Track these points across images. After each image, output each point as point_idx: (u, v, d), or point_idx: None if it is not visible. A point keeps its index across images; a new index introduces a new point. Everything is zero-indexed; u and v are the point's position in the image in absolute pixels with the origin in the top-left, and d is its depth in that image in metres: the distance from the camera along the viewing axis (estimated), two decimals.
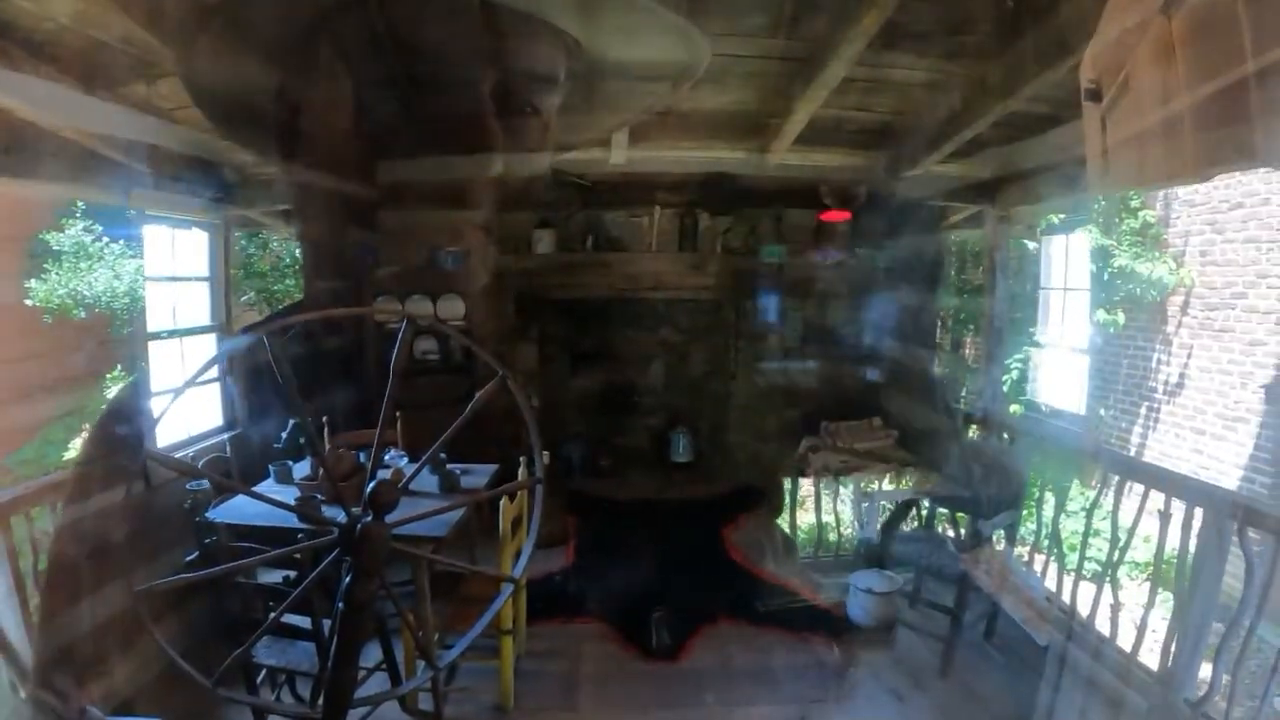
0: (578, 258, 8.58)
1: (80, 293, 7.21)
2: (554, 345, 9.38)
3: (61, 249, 7.37)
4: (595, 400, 9.68)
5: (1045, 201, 6.07)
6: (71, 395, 7.13)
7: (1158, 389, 8.51)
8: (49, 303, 7.15)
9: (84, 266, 7.34)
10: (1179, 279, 8.28)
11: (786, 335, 8.76)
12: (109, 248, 7.45)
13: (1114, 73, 3.06)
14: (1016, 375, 7.25)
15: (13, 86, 3.67)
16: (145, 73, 4.61)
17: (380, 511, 2.53)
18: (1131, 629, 4.40)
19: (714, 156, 8.46)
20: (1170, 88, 2.76)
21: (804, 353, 8.76)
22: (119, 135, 4.52)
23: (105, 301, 7.30)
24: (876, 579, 5.81)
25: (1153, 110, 2.86)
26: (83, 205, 7.48)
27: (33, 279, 7.20)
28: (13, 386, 7.28)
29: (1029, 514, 5.75)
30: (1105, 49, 3.13)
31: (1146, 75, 2.89)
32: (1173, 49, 2.73)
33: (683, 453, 9.29)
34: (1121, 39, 3.00)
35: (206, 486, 4.81)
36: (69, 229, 7.46)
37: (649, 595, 6.15)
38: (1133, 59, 2.95)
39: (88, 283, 7.25)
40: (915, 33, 5.74)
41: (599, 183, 8.47)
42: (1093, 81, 3.17)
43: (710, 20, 6.08)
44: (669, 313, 9.57)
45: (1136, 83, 2.95)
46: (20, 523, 3.87)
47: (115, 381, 7.11)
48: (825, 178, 8.30)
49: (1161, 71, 2.80)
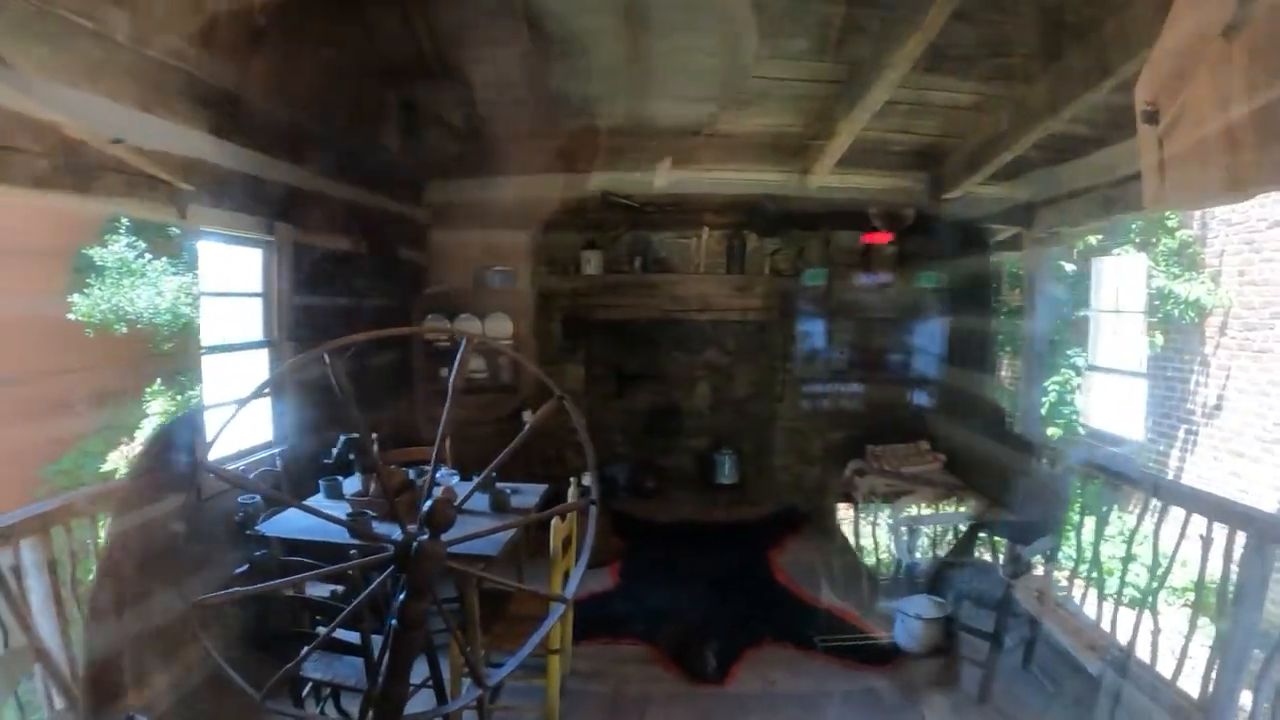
0: (625, 278, 8.60)
1: (122, 308, 7.30)
2: (600, 366, 9.42)
3: (104, 265, 7.47)
4: (641, 421, 9.71)
5: (1082, 224, 6.01)
6: (110, 409, 7.21)
7: (1196, 411, 8.39)
8: (91, 317, 7.25)
9: (126, 283, 7.44)
10: (1217, 299, 8.18)
11: (833, 357, 8.71)
12: (151, 264, 7.55)
13: (1172, 95, 3.02)
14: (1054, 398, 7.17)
15: (67, 103, 3.72)
16: (198, 91, 4.67)
17: (437, 530, 2.53)
18: (1171, 656, 4.33)
19: (761, 179, 8.47)
20: (1231, 109, 2.73)
21: (850, 375, 8.72)
22: (174, 152, 4.57)
23: (147, 317, 7.39)
24: (925, 605, 5.75)
25: (1213, 131, 2.83)
26: (126, 222, 7.59)
27: (75, 294, 7.30)
28: (53, 399, 7.40)
29: (1068, 539, 5.68)
30: (1161, 71, 3.10)
31: (1206, 97, 2.86)
32: (1234, 71, 2.71)
33: (727, 475, 9.29)
34: (1180, 62, 2.97)
35: (258, 500, 4.85)
36: (112, 245, 7.56)
37: (693, 617, 6.14)
38: (1192, 81, 2.92)
39: (130, 299, 7.34)
40: (957, 55, 5.74)
41: (647, 204, 8.48)
42: (1149, 104, 3.14)
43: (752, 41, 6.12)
44: (715, 334, 9.59)
45: (1195, 105, 2.92)
46: (59, 534, 3.90)
47: (154, 396, 7.19)
48: (873, 199, 8.27)
49: (1222, 93, 2.77)
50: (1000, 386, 7.13)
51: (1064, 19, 4.97)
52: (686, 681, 5.38)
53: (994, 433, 7.07)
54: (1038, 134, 5.84)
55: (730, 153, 8.27)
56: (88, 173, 4.00)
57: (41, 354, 7.59)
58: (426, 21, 6.18)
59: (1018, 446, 6.63)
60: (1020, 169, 6.57)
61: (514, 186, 8.58)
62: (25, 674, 3.46)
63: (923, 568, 6.25)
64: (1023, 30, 5.36)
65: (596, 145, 7.85)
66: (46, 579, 3.75)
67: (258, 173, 5.47)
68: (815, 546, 7.94)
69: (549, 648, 4.55)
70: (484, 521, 4.51)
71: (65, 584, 3.85)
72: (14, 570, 3.50)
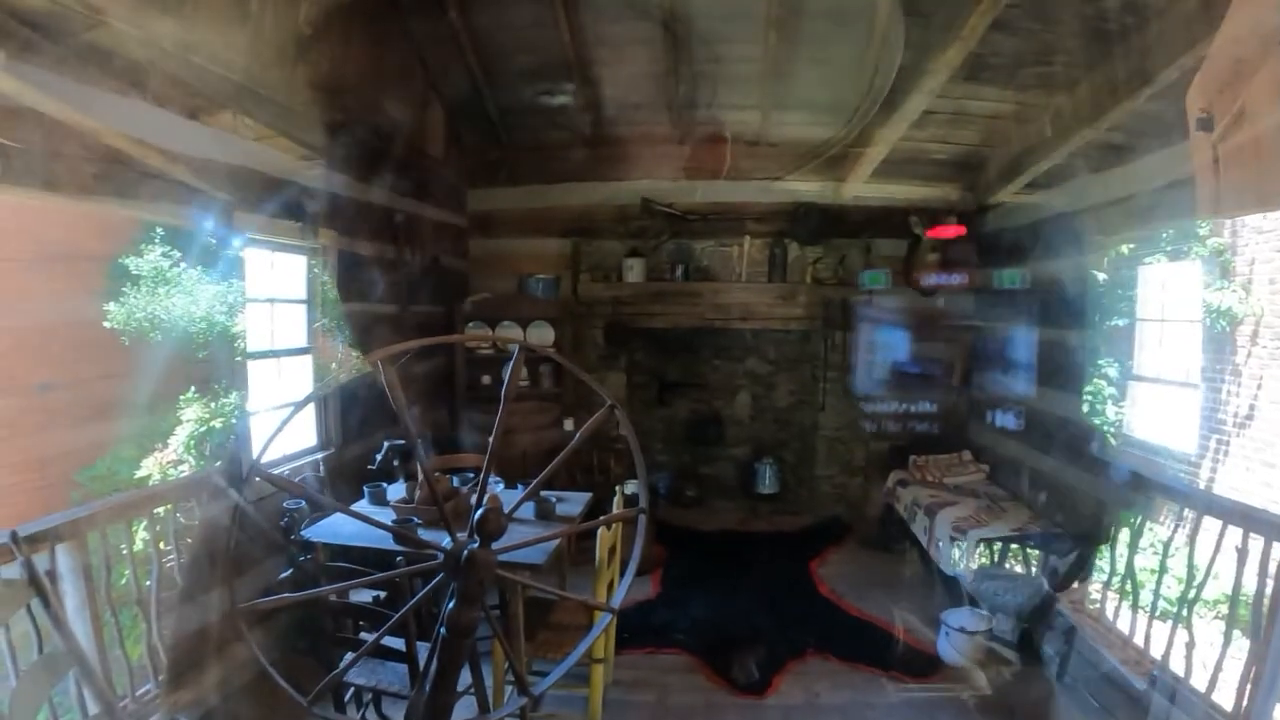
0: (667, 287, 8.58)
1: (158, 316, 7.37)
2: (641, 374, 9.42)
3: (140, 273, 7.54)
4: (682, 430, 9.71)
5: (1120, 233, 5.95)
6: (145, 415, 7.27)
7: (1227, 421, 8.28)
8: (127, 325, 7.32)
9: (162, 291, 7.51)
10: (1248, 308, 8.08)
11: (876, 366, 8.65)
12: (186, 273, 7.62)
13: (1227, 101, 2.98)
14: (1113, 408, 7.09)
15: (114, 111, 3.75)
16: (244, 98, 4.70)
17: (487, 538, 2.52)
18: (1204, 668, 4.26)
19: (801, 187, 8.45)
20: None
21: (893, 384, 8.66)
22: (219, 160, 4.60)
23: (182, 325, 7.45)
24: (969, 618, 5.69)
25: (1271, 136, 2.79)
26: (161, 231, 7.67)
27: (111, 302, 7.38)
28: (89, 404, 7.48)
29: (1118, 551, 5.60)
30: (1216, 77, 3.06)
31: (1264, 103, 2.82)
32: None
33: (768, 484, 9.24)
34: (1236, 69, 2.93)
35: (302, 504, 4.87)
36: (147, 254, 7.63)
37: (736, 627, 6.11)
38: (1249, 88, 2.88)
39: (165, 307, 7.41)
40: (996, 64, 5.72)
41: (688, 212, 8.48)
42: (1204, 111, 3.10)
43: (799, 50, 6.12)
44: (757, 343, 9.57)
45: (1253, 111, 2.88)
46: (95, 538, 3.92)
47: (189, 403, 7.24)
48: (915, 206, 8.22)
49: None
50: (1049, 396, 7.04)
51: (1103, 27, 4.94)
52: (729, 692, 5.34)
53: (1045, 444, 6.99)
54: (1076, 142, 5.81)
55: (772, 161, 8.26)
56: (132, 180, 4.03)
57: (78, 360, 7.68)
58: (470, 30, 6.22)
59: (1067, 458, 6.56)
60: (1058, 178, 6.52)
61: (556, 194, 8.61)
62: (60, 678, 3.47)
63: (966, 580, 6.18)
64: (1062, 39, 5.34)
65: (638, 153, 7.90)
66: (82, 584, 3.77)
67: (302, 179, 5.50)
68: (858, 558, 7.90)
69: (593, 657, 4.54)
70: (530, 530, 4.50)
71: (100, 589, 3.86)
72: (49, 575, 3.52)
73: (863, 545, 8.18)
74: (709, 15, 5.94)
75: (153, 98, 4.01)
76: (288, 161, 5.32)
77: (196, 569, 4.30)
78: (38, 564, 3.45)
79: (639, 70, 6.67)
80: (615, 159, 8.37)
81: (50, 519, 3.70)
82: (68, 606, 3.67)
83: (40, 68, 3.31)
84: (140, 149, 4.01)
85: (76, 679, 3.55)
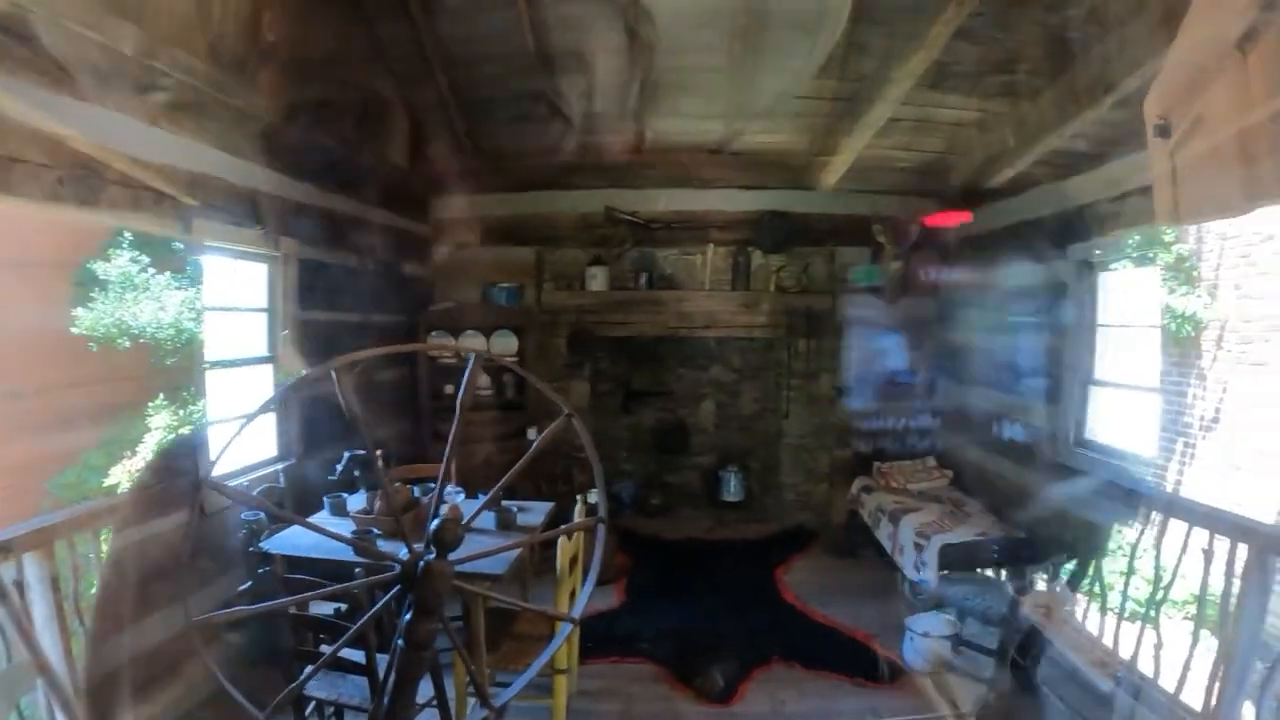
0: (631, 295, 8.58)
1: (125, 322, 7.29)
2: (606, 382, 9.41)
3: (108, 279, 7.46)
4: (646, 438, 9.70)
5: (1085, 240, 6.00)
6: (113, 423, 7.20)
7: (1194, 424, 8.37)
8: (94, 331, 7.24)
9: (130, 297, 7.43)
10: (1213, 313, 8.19)
11: (839, 374, 8.69)
12: (155, 279, 7.54)
13: (1185, 108, 3.01)
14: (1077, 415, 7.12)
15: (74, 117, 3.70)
16: (204, 105, 4.66)
17: (444, 549, 2.50)
18: (1173, 669, 4.30)
19: (765, 196, 8.49)
20: (1246, 122, 2.72)
21: (857, 391, 8.70)
22: (180, 166, 4.56)
23: (150, 332, 7.38)
24: (934, 623, 5.71)
25: (1228, 144, 2.82)
26: (129, 236, 7.59)
27: (79, 307, 7.29)
28: (57, 412, 7.38)
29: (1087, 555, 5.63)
30: (1174, 85, 3.09)
31: (1221, 109, 2.85)
32: (1249, 83, 2.69)
33: (734, 492, 9.26)
34: (1192, 75, 2.96)
35: (261, 516, 4.82)
36: (115, 259, 7.55)
37: (701, 636, 6.09)
38: (1205, 95, 2.91)
39: (133, 313, 7.33)
40: (960, 72, 5.75)
41: (652, 220, 8.48)
42: (1162, 118, 3.12)
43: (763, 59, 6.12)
44: (721, 351, 9.59)
45: (1210, 118, 2.91)
46: (62, 548, 3.87)
47: (157, 410, 7.17)
48: (879, 214, 8.27)
49: (1237, 107, 2.75)
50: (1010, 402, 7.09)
51: (1066, 35, 4.98)
52: (694, 701, 5.33)
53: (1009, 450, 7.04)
54: (1041, 150, 5.84)
55: (738, 169, 8.28)
56: (94, 186, 3.99)
57: (46, 368, 7.57)
58: (435, 38, 6.19)
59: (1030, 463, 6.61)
60: (1024, 185, 6.57)
61: (520, 203, 8.60)
62: (28, 689, 3.42)
63: (931, 585, 6.20)
64: (1025, 47, 5.38)
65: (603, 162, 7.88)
66: (49, 593, 3.71)
67: (263, 187, 5.46)
68: (823, 565, 7.92)
69: (555, 668, 4.52)
70: (490, 540, 4.47)
71: (68, 598, 3.81)
72: (17, 584, 3.46)
73: (828, 552, 8.21)
74: (675, 24, 5.94)
75: (113, 103, 3.97)
76: (249, 169, 5.28)
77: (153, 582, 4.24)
78: (4, 574, 3.41)
79: (604, 79, 6.66)
80: (579, 168, 8.37)
81: (16, 528, 3.64)
82: (36, 617, 3.61)
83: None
84: (99, 154, 3.97)
85: (45, 690, 3.50)
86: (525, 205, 8.62)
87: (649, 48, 6.13)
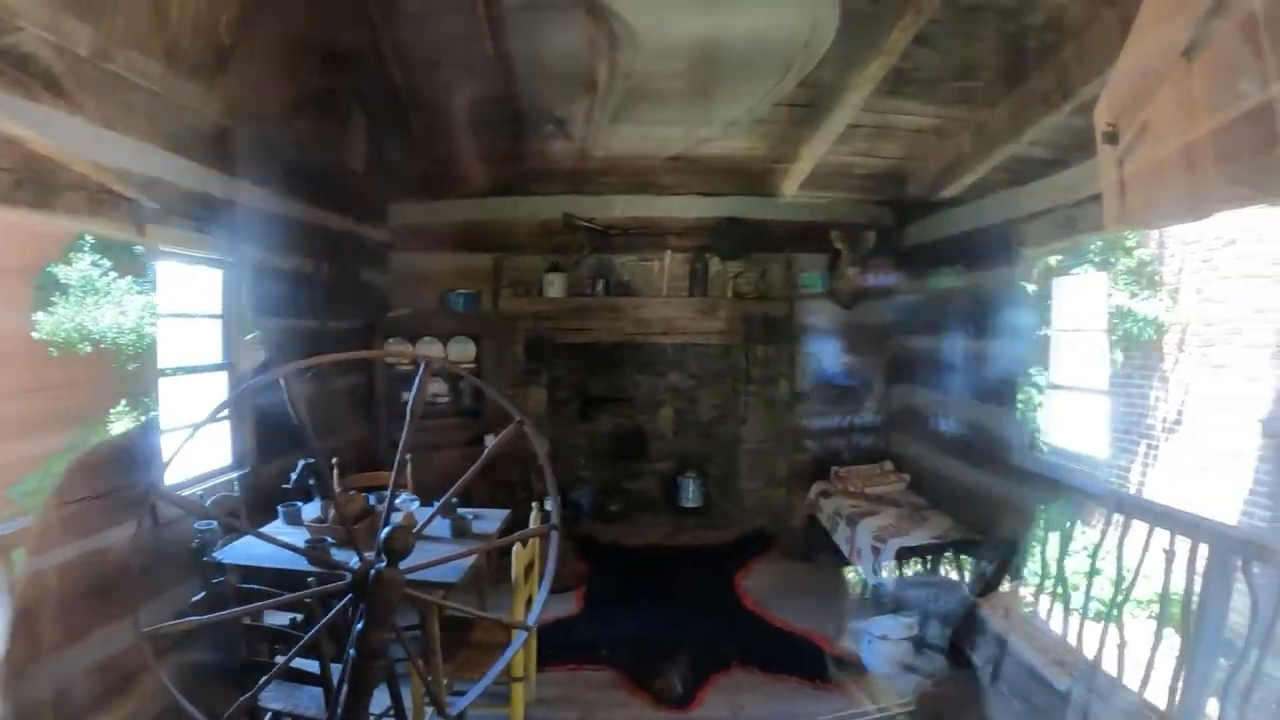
0: (588, 302, 8.59)
1: (86, 327, 7.20)
2: (564, 389, 9.40)
3: (69, 283, 7.37)
4: (605, 445, 9.69)
5: (1045, 245, 6.06)
6: (75, 429, 7.10)
7: (1156, 426, 8.47)
8: (55, 336, 7.15)
9: (91, 301, 7.34)
10: (1175, 316, 8.30)
11: (797, 380, 8.74)
12: (116, 283, 7.45)
13: (1132, 115, 3.05)
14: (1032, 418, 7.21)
15: (29, 118, 3.66)
16: (161, 108, 4.61)
17: (395, 557, 2.49)
18: (1138, 668, 4.34)
19: (724, 202, 8.52)
20: (1191, 130, 2.75)
21: (814, 397, 8.75)
22: (135, 170, 4.51)
23: (112, 337, 7.29)
24: (892, 625, 5.75)
25: (1174, 151, 2.85)
26: (90, 240, 7.49)
27: (39, 312, 7.20)
28: (18, 418, 7.27)
29: (1034, 555, 5.68)
30: (1122, 92, 3.13)
31: (1168, 118, 2.88)
32: (1194, 91, 2.73)
33: (693, 498, 9.26)
34: (1140, 82, 3.00)
35: (214, 526, 4.77)
36: (76, 263, 7.46)
37: (660, 642, 6.09)
38: (1153, 102, 2.95)
39: (94, 318, 7.24)
40: (919, 79, 5.78)
41: (610, 227, 8.50)
42: (1110, 125, 3.16)
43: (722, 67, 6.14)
44: (679, 357, 9.59)
45: (1157, 125, 2.94)
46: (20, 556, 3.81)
47: (120, 416, 7.09)
48: (836, 220, 8.32)
49: (1183, 114, 2.79)
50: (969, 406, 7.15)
51: (1025, 43, 5.03)
52: (653, 707, 5.33)
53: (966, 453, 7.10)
54: (1000, 157, 5.89)
55: (696, 176, 8.30)
56: (50, 189, 3.94)
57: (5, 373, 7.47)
58: (395, 44, 6.16)
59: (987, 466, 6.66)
60: (984, 191, 6.61)
61: (478, 209, 8.57)
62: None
63: (889, 588, 6.25)
64: (985, 54, 5.41)
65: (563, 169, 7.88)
66: (10, 603, 3.66)
67: (220, 192, 5.41)
68: (782, 569, 7.94)
69: (512, 675, 4.51)
70: (445, 548, 4.45)
71: None
72: None
73: (787, 556, 8.23)
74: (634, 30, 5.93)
75: (66, 105, 3.92)
76: (204, 173, 5.22)
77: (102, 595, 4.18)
78: None
79: (563, 85, 6.65)
80: (537, 174, 8.36)
81: None
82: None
83: None
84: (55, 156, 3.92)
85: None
86: (483, 211, 8.59)
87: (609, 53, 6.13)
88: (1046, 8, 4.70)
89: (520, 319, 8.56)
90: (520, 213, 8.62)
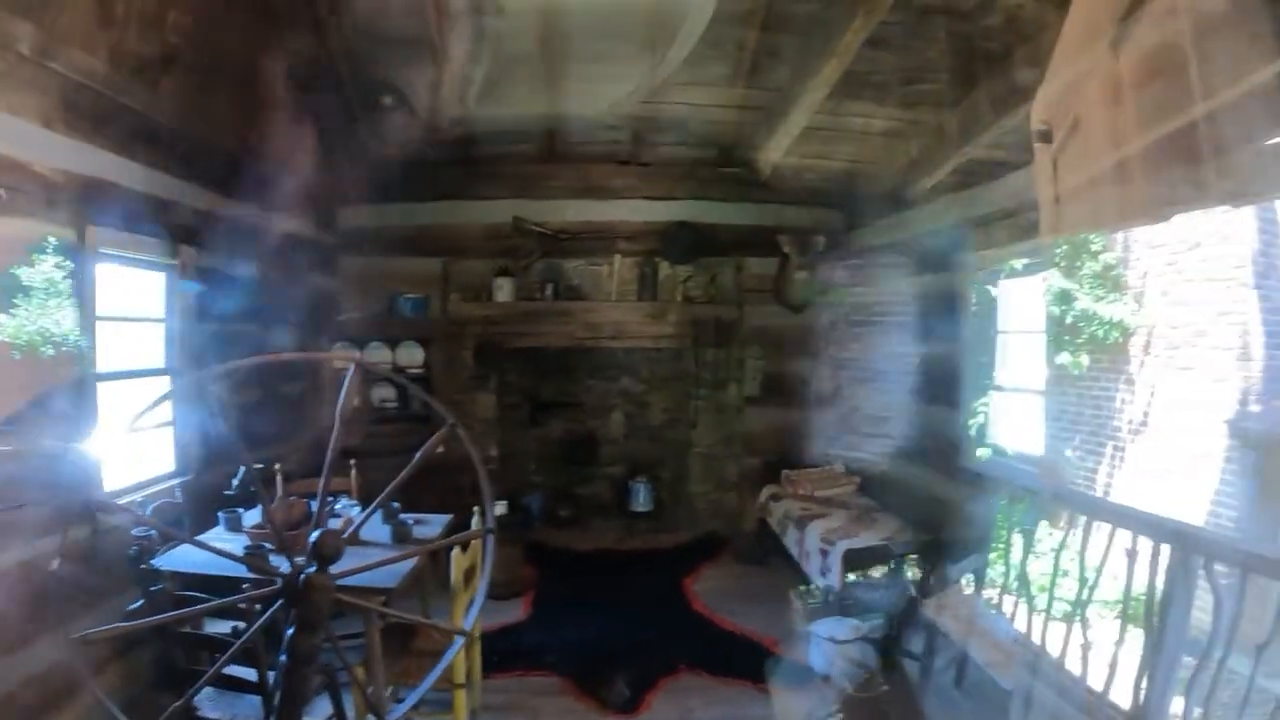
0: (538, 306, 8.57)
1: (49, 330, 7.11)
2: (514, 394, 9.37)
3: (32, 285, 7.27)
4: (555, 450, 9.68)
5: (1005, 247, 6.09)
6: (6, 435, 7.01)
7: (1122, 429, 8.53)
8: (17, 339, 7.06)
9: (53, 303, 7.25)
10: (1141, 319, 8.37)
11: (746, 383, 8.77)
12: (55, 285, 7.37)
13: (1065, 114, 3.07)
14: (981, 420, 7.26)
15: None
16: (103, 108, 4.55)
17: (325, 562, 2.46)
18: (1102, 668, 4.36)
19: (673, 205, 8.53)
20: (1121, 128, 2.76)
21: (765, 400, 8.78)
22: (76, 171, 4.45)
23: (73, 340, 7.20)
24: (838, 627, 5.76)
25: (1104, 151, 2.86)
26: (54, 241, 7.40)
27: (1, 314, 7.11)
28: None
29: (998, 557, 5.71)
30: (1056, 91, 3.14)
31: (1097, 116, 2.90)
32: (1122, 89, 2.74)
33: (643, 502, 9.25)
34: (1073, 80, 3.02)
35: (153, 533, 4.70)
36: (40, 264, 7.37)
37: (608, 647, 6.08)
38: (1083, 100, 2.96)
39: (55, 320, 7.16)
40: (875, 82, 5.81)
41: (559, 231, 8.48)
42: (1044, 123, 3.18)
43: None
44: (630, 362, 9.59)
45: (1087, 124, 2.96)
46: None
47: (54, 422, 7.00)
48: (785, 225, 8.35)
49: (1112, 112, 2.81)
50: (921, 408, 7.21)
51: (979, 46, 5.05)
52: (599, 712, 5.32)
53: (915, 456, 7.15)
54: (955, 160, 5.92)
55: (646, 179, 8.31)
56: None
57: None
58: (344, 45, 6.11)
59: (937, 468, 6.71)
60: (940, 193, 6.65)
61: (426, 212, 8.53)
62: None
63: (836, 589, 6.27)
64: (941, 56, 5.45)
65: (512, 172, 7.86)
66: None
67: (162, 194, 5.34)
68: (733, 573, 7.97)
69: (454, 682, 4.47)
70: (384, 553, 4.42)
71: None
72: None
73: (737, 560, 8.27)
74: (584, 35, 5.93)
75: (5, 104, 3.88)
76: (148, 175, 5.16)
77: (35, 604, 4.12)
78: None
79: (513, 89, 6.63)
80: (486, 177, 8.34)
81: None
82: None
83: None
84: None
85: None
86: (432, 215, 8.56)
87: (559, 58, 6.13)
88: (1000, 11, 4.72)
89: (469, 323, 8.51)
90: (469, 216, 8.58)
